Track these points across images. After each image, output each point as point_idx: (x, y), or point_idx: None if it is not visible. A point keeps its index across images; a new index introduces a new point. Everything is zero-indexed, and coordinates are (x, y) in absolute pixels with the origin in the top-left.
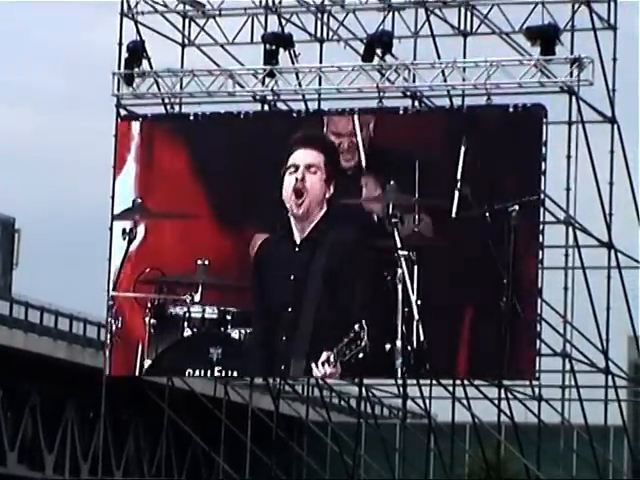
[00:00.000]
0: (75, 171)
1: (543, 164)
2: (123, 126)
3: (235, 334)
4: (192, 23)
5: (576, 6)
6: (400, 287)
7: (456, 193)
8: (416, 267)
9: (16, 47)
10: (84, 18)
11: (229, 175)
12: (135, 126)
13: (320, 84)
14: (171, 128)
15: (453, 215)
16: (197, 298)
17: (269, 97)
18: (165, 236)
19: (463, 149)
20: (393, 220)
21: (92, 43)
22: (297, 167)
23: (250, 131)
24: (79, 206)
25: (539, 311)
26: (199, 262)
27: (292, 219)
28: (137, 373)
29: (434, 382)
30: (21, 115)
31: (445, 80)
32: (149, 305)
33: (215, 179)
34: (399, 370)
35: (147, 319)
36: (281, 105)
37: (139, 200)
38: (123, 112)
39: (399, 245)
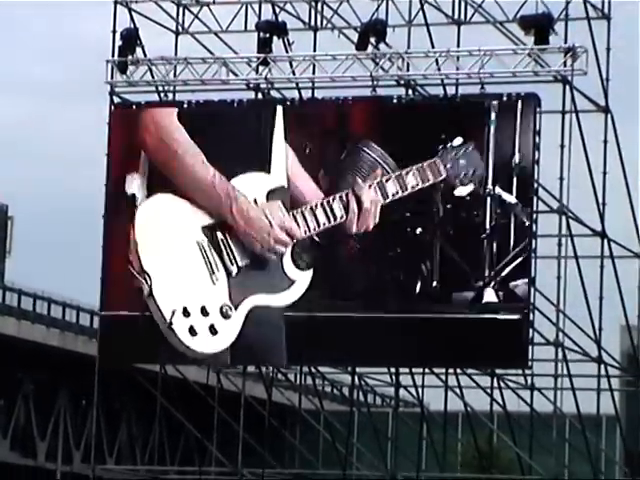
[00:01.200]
0: (69, 159)
1: (536, 153)
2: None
3: None
4: (186, 11)
5: None
6: None
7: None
8: None
9: (8, 35)
10: (78, 6)
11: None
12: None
13: (314, 72)
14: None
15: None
16: None
17: (263, 85)
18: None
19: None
20: None
21: (86, 31)
22: None
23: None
24: (73, 194)
25: (532, 300)
26: None
27: None
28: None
29: (427, 370)
30: (14, 103)
31: (439, 69)
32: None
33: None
34: None
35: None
36: (275, 93)
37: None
38: (117, 100)
39: None
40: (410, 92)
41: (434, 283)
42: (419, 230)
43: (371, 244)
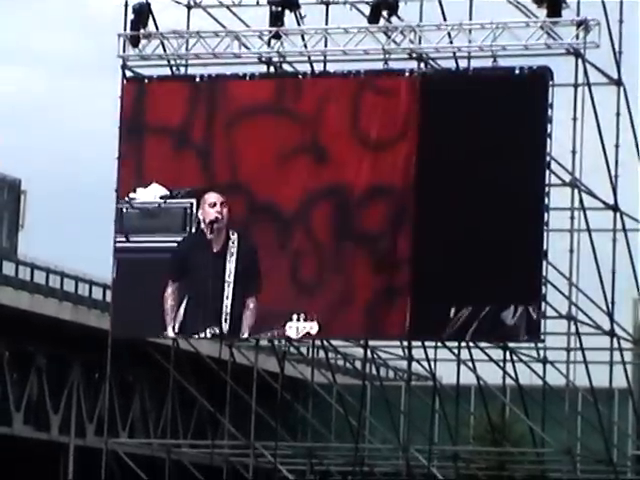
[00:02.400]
0: (81, 133)
1: (549, 126)
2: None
3: None
4: None
5: None
6: None
7: None
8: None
9: (22, 10)
10: None
11: None
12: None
13: (326, 46)
14: None
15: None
16: None
17: (275, 59)
18: None
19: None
20: None
21: (98, 5)
22: None
23: None
24: (85, 168)
25: (544, 273)
26: None
27: None
28: None
29: (439, 344)
30: (27, 77)
31: (451, 42)
32: None
33: None
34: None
35: None
36: (287, 67)
37: None
38: (129, 74)
39: None
40: (422, 65)
41: None
42: None
43: None
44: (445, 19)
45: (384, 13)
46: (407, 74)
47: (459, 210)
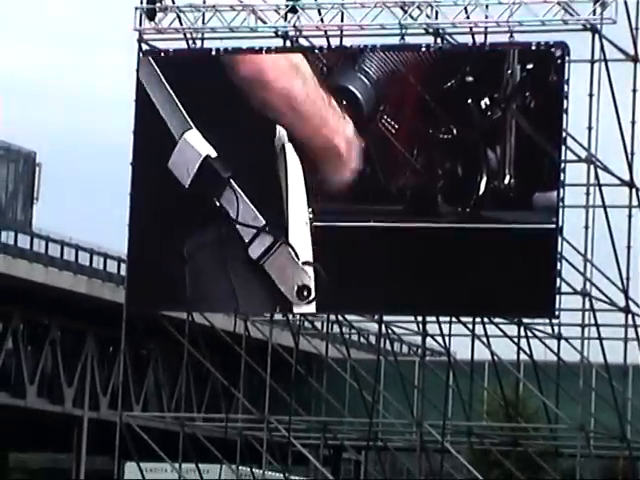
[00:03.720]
0: (97, 106)
1: (565, 102)
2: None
3: None
4: None
5: None
6: None
7: None
8: None
9: None
10: None
11: None
12: None
13: (342, 20)
14: None
15: None
16: None
17: (291, 33)
18: None
19: None
20: None
21: None
22: None
23: None
24: (101, 141)
25: (559, 249)
26: None
27: None
28: None
29: (454, 319)
30: (42, 50)
31: (468, 17)
32: None
33: None
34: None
35: None
36: (303, 41)
37: None
38: (145, 47)
39: None
40: (439, 40)
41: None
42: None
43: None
44: None
45: None
46: (424, 49)
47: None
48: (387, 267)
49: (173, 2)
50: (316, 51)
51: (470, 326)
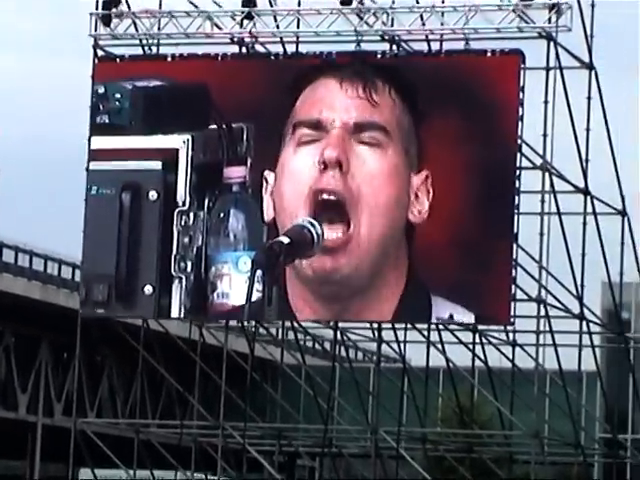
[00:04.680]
0: (53, 112)
1: (520, 109)
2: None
3: None
4: None
5: None
6: None
7: None
8: None
9: None
10: None
11: None
12: None
13: (298, 27)
14: None
15: None
16: None
17: (247, 39)
18: None
19: None
20: None
21: None
22: None
23: None
24: (56, 147)
25: (514, 256)
26: None
27: None
28: None
29: (409, 326)
30: (2, 57)
31: (423, 24)
32: None
33: None
34: None
35: None
36: (259, 47)
37: None
38: (100, 53)
39: None
40: (394, 47)
41: None
42: None
43: None
44: (417, 1)
45: None
46: (379, 56)
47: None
48: None
49: (129, 8)
50: (271, 57)
51: (425, 333)
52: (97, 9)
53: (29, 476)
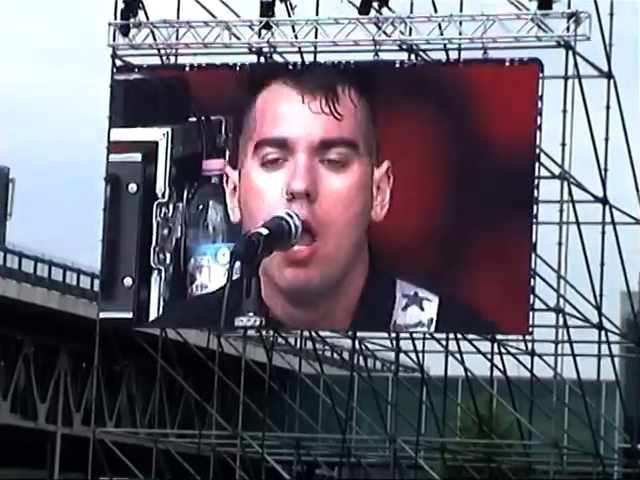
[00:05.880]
0: (71, 121)
1: (539, 119)
2: None
3: None
4: None
5: None
6: None
7: None
8: None
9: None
10: None
11: None
12: None
13: (316, 37)
14: None
15: None
16: None
17: (265, 49)
18: None
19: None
20: None
21: None
22: None
23: None
24: (74, 157)
25: (533, 266)
26: None
27: None
28: None
29: (427, 336)
30: (18, 66)
31: (442, 34)
32: None
33: None
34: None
35: None
36: (277, 57)
37: None
38: (119, 63)
39: None
40: (412, 57)
41: None
42: None
43: None
44: (436, 10)
45: (375, 4)
46: (397, 65)
47: (450, 200)
48: None
49: (147, 18)
50: (290, 67)
51: (444, 342)
52: (115, 19)
53: None
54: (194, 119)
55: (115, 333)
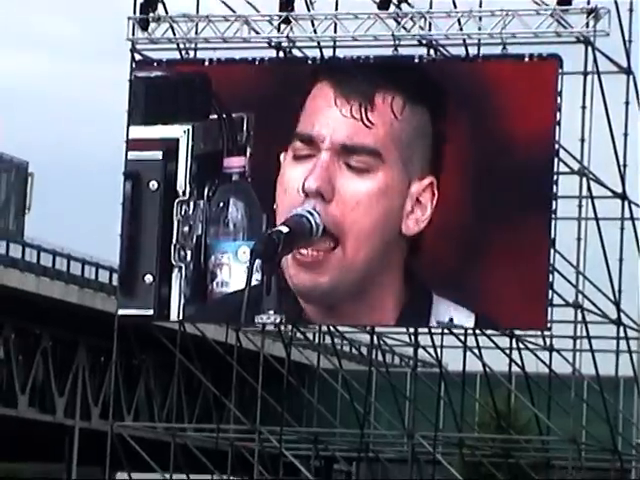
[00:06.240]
0: (90, 116)
1: (558, 114)
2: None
3: None
4: None
5: None
6: None
7: None
8: None
9: None
10: None
11: None
12: None
13: (335, 31)
14: None
15: None
16: None
17: (284, 44)
18: None
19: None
20: None
21: None
22: None
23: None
24: (93, 150)
25: (552, 261)
26: None
27: None
28: None
29: (445, 331)
30: (36, 60)
31: (461, 29)
32: None
33: None
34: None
35: None
36: (296, 52)
37: None
38: (138, 57)
39: None
40: (432, 52)
41: None
42: None
43: None
44: (455, 6)
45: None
46: (417, 60)
47: (469, 196)
48: None
49: (166, 12)
50: (309, 62)
51: (462, 337)
52: (135, 13)
53: (66, 479)
54: (215, 116)
55: (133, 328)
